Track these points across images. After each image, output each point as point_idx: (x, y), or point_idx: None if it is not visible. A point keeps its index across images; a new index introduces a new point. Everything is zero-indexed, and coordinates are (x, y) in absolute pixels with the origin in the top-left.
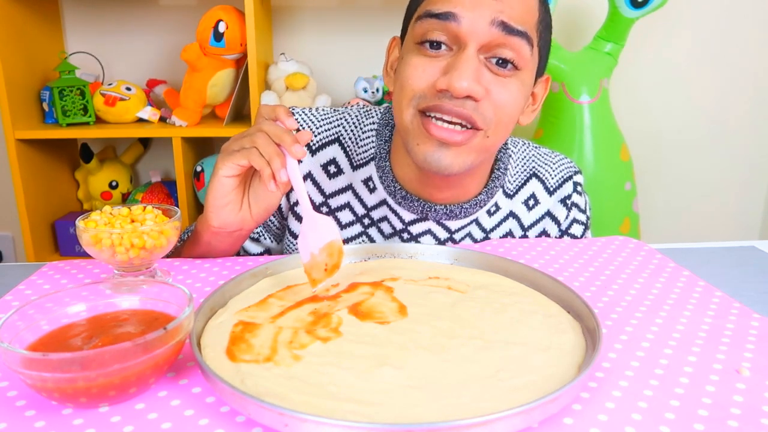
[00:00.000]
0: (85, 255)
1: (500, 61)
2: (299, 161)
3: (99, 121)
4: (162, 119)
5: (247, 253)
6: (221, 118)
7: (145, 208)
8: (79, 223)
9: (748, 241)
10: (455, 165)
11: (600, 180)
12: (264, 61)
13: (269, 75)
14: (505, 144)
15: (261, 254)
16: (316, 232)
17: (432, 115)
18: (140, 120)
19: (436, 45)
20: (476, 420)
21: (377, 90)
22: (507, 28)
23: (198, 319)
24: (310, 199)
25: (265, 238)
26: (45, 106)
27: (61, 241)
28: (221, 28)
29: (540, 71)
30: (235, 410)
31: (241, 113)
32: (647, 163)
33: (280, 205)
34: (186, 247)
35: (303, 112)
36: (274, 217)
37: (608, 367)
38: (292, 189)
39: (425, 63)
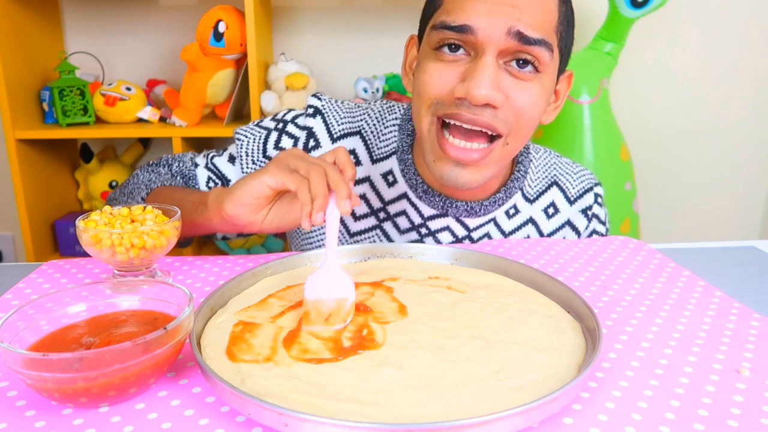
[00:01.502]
0: (85, 255)
1: (520, 62)
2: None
3: (99, 121)
4: (162, 119)
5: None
6: (221, 118)
7: (145, 208)
8: (79, 223)
9: (748, 241)
10: (473, 181)
11: (600, 180)
12: (264, 61)
13: (269, 75)
14: (527, 148)
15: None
16: (330, 283)
17: (451, 122)
18: (140, 120)
19: (454, 47)
20: (476, 420)
21: (377, 90)
22: (524, 39)
23: (198, 319)
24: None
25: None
26: (45, 106)
27: (61, 241)
28: (221, 28)
29: (562, 68)
30: (235, 410)
31: (241, 113)
32: (647, 162)
33: None
34: (186, 208)
35: (329, 100)
36: None
37: (608, 367)
38: None
39: (442, 69)
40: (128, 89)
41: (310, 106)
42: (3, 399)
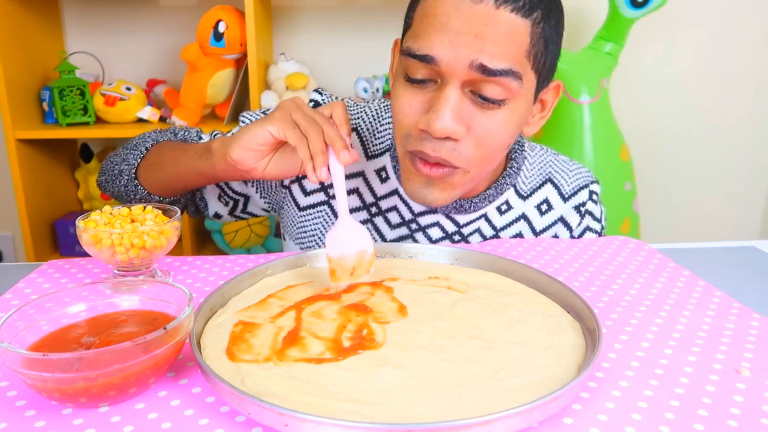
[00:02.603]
0: (85, 255)
1: (484, 97)
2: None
3: (99, 121)
4: (162, 119)
5: (229, 188)
6: (221, 118)
7: (145, 208)
8: (79, 223)
9: (748, 241)
10: (441, 199)
11: (600, 180)
12: (264, 61)
13: (269, 75)
14: (522, 147)
15: (241, 195)
16: (348, 237)
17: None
18: (140, 120)
19: (420, 80)
20: (476, 420)
21: (377, 90)
22: (487, 71)
23: (198, 319)
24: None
25: (252, 185)
26: (45, 106)
27: (61, 241)
28: (221, 28)
29: (544, 84)
30: (235, 410)
31: (241, 113)
32: (647, 163)
33: None
34: (190, 155)
35: (331, 96)
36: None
37: (608, 367)
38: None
39: (411, 95)
40: (128, 89)
41: (311, 100)
42: (3, 399)
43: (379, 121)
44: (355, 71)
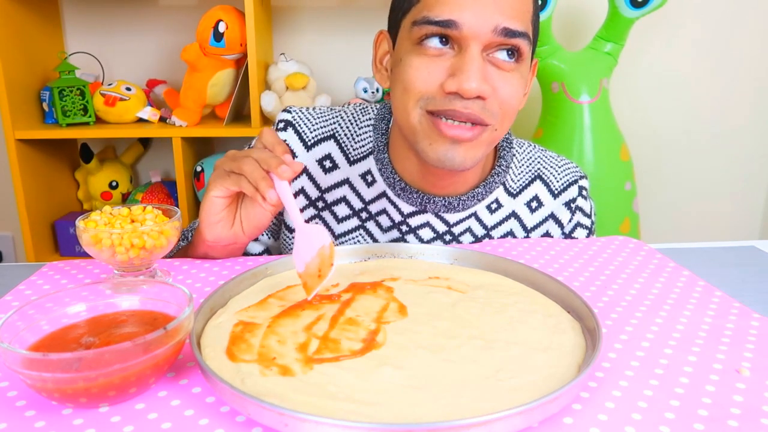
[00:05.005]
0: (85, 255)
1: (509, 52)
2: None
3: (99, 121)
4: (162, 119)
5: (248, 253)
6: (221, 118)
7: (145, 208)
8: (79, 223)
9: (748, 241)
10: (468, 160)
11: (600, 180)
12: (264, 61)
13: (269, 75)
14: (510, 143)
15: (261, 253)
16: (308, 243)
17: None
18: (140, 120)
19: (444, 40)
20: (476, 420)
21: (377, 90)
22: (509, 33)
23: (198, 319)
24: (306, 200)
25: (263, 235)
26: (45, 106)
27: (61, 241)
28: (221, 28)
29: (532, 55)
30: (235, 410)
31: (241, 113)
32: (647, 163)
33: None
34: (189, 249)
35: (300, 110)
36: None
37: (608, 367)
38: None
39: (428, 64)
40: (128, 89)
41: (280, 121)
42: (3, 399)
43: (357, 125)
44: (355, 71)
